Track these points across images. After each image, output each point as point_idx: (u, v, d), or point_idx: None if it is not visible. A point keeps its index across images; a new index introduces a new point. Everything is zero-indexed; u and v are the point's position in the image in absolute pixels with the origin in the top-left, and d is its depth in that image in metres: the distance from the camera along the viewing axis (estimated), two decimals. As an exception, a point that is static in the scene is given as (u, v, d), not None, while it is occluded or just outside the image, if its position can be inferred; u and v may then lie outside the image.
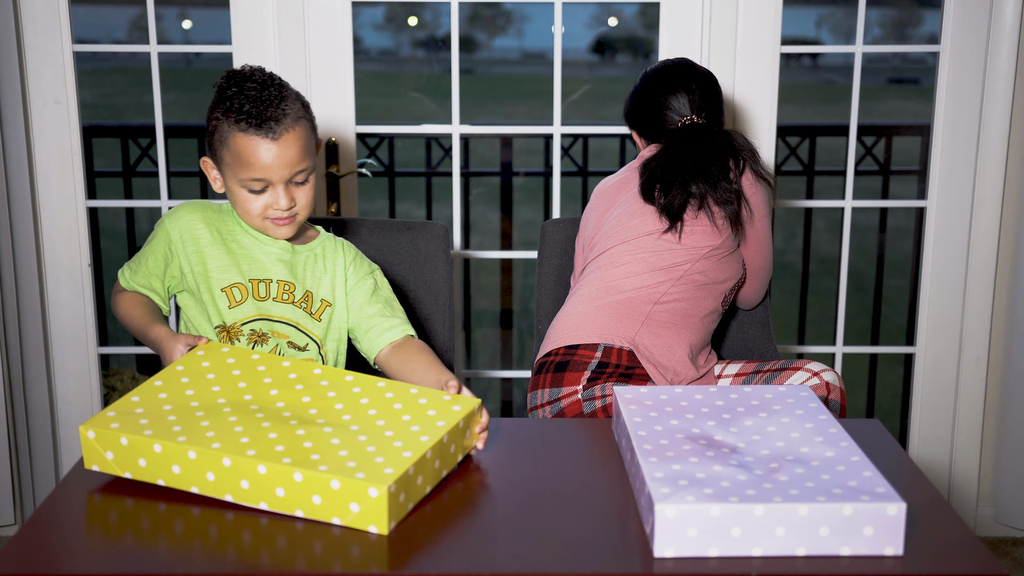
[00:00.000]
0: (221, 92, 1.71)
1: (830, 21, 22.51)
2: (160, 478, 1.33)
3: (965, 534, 1.25)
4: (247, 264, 1.77)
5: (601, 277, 2.04)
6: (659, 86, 2.14)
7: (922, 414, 2.79)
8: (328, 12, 2.53)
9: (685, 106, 2.12)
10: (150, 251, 1.79)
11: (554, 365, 2.00)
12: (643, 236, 2.03)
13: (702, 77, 2.15)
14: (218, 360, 1.53)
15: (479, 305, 5.19)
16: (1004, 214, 2.65)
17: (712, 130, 2.08)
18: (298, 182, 1.72)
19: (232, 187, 1.73)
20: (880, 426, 1.61)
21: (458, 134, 2.66)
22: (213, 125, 1.72)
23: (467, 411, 1.42)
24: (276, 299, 1.77)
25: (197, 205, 1.80)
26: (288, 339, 1.77)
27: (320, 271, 1.82)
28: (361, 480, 1.23)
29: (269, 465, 1.26)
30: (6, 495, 2.60)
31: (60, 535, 1.25)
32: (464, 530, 1.28)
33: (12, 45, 2.50)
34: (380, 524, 1.23)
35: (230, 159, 1.70)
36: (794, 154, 4.01)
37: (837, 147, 3.21)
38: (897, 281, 5.37)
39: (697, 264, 2.02)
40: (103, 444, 1.35)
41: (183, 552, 1.22)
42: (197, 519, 1.29)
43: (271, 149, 1.67)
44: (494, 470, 1.44)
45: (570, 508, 1.32)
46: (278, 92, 1.70)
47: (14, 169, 2.55)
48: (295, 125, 1.70)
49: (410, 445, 1.32)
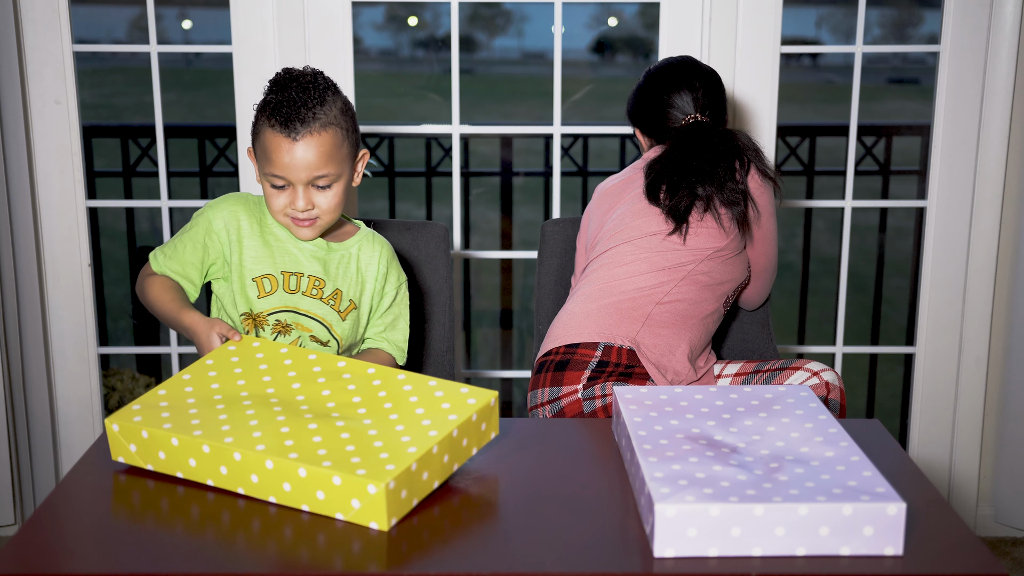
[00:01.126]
0: (270, 87, 1.75)
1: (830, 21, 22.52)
2: (179, 470, 1.36)
3: (965, 534, 1.25)
4: (281, 256, 1.79)
5: (603, 276, 2.04)
6: (663, 84, 2.14)
7: (922, 414, 2.79)
8: (328, 12, 2.53)
9: (689, 104, 2.12)
10: (188, 239, 1.80)
11: (554, 364, 1.99)
12: (647, 236, 2.03)
13: (706, 75, 2.14)
14: (247, 354, 1.56)
15: (479, 305, 5.19)
16: (1004, 214, 2.65)
17: (716, 129, 2.08)
18: (320, 186, 1.73)
19: (261, 180, 1.77)
20: (880, 426, 1.61)
21: (458, 134, 2.66)
22: (256, 117, 1.76)
23: (482, 404, 1.42)
24: (305, 293, 1.79)
25: (239, 197, 1.83)
26: (311, 333, 1.80)
27: (353, 273, 1.85)
28: (361, 477, 1.23)
29: (276, 460, 1.28)
30: (6, 495, 2.60)
31: (60, 535, 1.25)
32: (463, 530, 1.28)
33: (12, 45, 2.50)
34: (380, 521, 1.24)
35: (260, 153, 1.75)
36: (794, 154, 4.01)
37: (837, 147, 3.21)
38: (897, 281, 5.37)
39: (701, 265, 2.02)
40: (127, 437, 1.38)
41: (184, 552, 1.22)
42: (199, 519, 1.29)
43: (291, 149, 1.69)
44: (494, 470, 1.44)
45: (570, 508, 1.32)
46: (319, 96, 1.71)
47: (14, 169, 2.55)
48: (322, 130, 1.70)
49: (417, 440, 1.32)
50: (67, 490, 1.37)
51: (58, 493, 1.35)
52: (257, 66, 2.54)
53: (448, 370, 2.17)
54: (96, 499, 1.35)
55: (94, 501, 1.35)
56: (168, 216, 2.69)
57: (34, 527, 1.26)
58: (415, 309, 2.18)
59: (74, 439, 2.75)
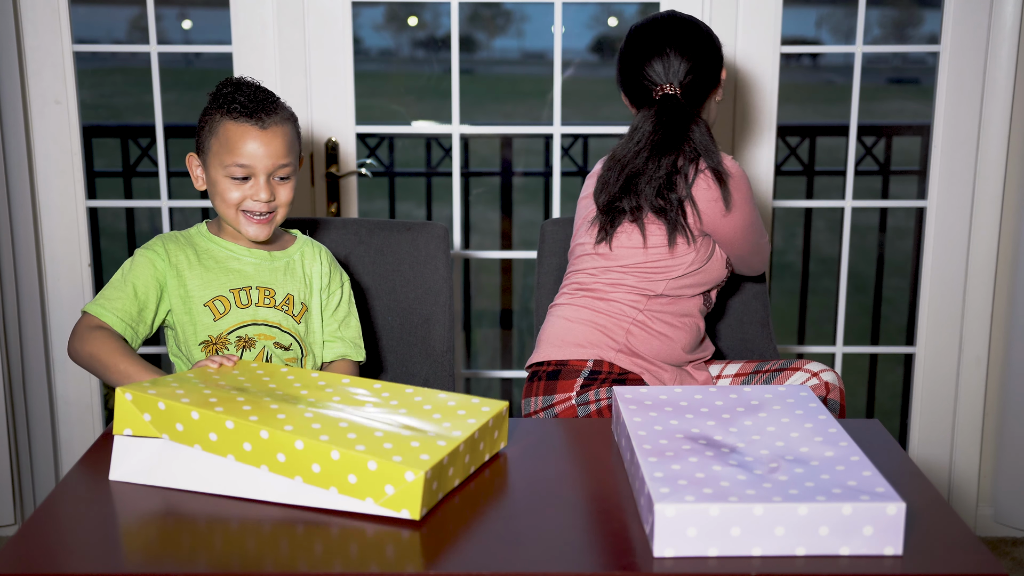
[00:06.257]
0: (217, 91, 1.80)
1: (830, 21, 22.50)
2: (197, 443, 1.35)
3: (965, 534, 1.25)
4: (225, 276, 1.80)
5: (580, 288, 2.02)
6: (638, 49, 2.00)
7: (922, 414, 2.79)
8: (328, 12, 2.53)
9: (661, 73, 1.98)
10: (133, 278, 1.76)
11: (546, 374, 1.99)
12: (605, 245, 1.99)
13: (684, 36, 1.98)
14: (249, 370, 1.57)
15: (479, 305, 5.19)
16: (1004, 214, 2.65)
17: (680, 113, 1.94)
18: (280, 177, 1.78)
19: (214, 177, 1.78)
20: (880, 426, 1.61)
21: (458, 134, 2.66)
22: (204, 120, 1.80)
23: (496, 412, 1.45)
24: (259, 304, 1.81)
25: (164, 236, 1.83)
26: (274, 340, 1.81)
27: (300, 277, 1.87)
28: (398, 463, 1.24)
29: (307, 441, 1.28)
30: (6, 495, 2.60)
31: (60, 535, 1.24)
32: (463, 530, 1.28)
33: (12, 45, 2.50)
34: (413, 509, 1.25)
35: (217, 147, 1.76)
36: (794, 154, 4.01)
37: (837, 147, 3.21)
38: (897, 281, 5.37)
39: (672, 282, 1.97)
40: (141, 407, 1.37)
41: (185, 552, 1.22)
42: (204, 522, 1.29)
43: (259, 136, 1.75)
44: (493, 470, 1.44)
45: (570, 508, 1.32)
46: (272, 96, 1.80)
47: (14, 169, 2.55)
48: (284, 123, 1.79)
49: (444, 436, 1.34)
50: (67, 490, 1.37)
51: (58, 493, 1.35)
52: (257, 66, 2.54)
53: (448, 370, 2.17)
54: (96, 499, 1.35)
55: (94, 501, 1.35)
56: (168, 216, 2.69)
57: (34, 527, 1.26)
58: (415, 309, 2.18)
59: (74, 439, 2.75)
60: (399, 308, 2.18)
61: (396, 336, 2.18)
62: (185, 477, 1.35)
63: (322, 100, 2.56)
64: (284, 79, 2.55)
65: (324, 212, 2.61)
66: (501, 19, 24.34)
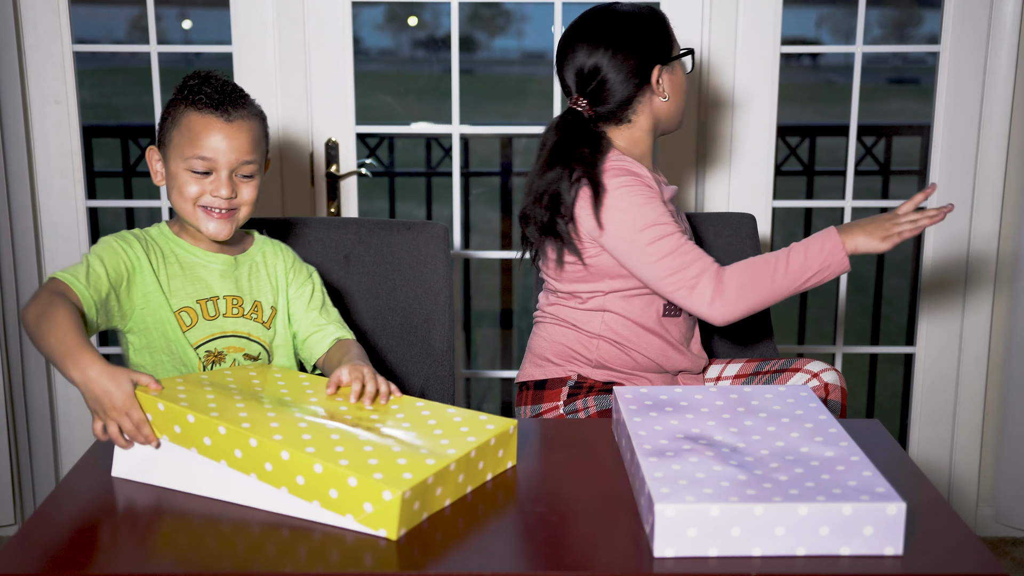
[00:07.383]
0: (183, 83, 1.72)
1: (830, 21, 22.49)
2: (193, 446, 1.35)
3: (965, 534, 1.25)
4: (192, 285, 1.72)
5: (547, 305, 2.02)
6: (558, 55, 1.91)
7: (922, 414, 2.79)
8: (328, 12, 2.52)
9: (571, 78, 1.88)
10: (105, 260, 1.63)
11: (533, 384, 2.01)
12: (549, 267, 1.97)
13: (594, 30, 1.85)
14: (271, 376, 1.57)
15: (479, 305, 5.19)
16: (1004, 214, 2.65)
17: (570, 133, 1.85)
18: (243, 174, 1.70)
19: (175, 170, 1.69)
20: (880, 426, 1.61)
21: (458, 134, 2.66)
22: (167, 112, 1.72)
23: (500, 430, 1.41)
24: (227, 315, 1.74)
25: (128, 233, 1.72)
26: (244, 351, 1.75)
27: (264, 279, 1.81)
28: (378, 481, 1.22)
29: (292, 452, 1.28)
30: (6, 495, 2.60)
31: (60, 535, 1.25)
32: (463, 530, 1.28)
33: (12, 45, 2.50)
34: (390, 528, 1.23)
35: (179, 139, 1.68)
36: (794, 154, 4.01)
37: (837, 147, 3.21)
38: (897, 281, 5.36)
39: (607, 297, 1.94)
40: (142, 407, 1.37)
41: (185, 553, 1.22)
42: (199, 523, 1.29)
43: (223, 129, 1.67)
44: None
45: (570, 508, 1.32)
46: (240, 91, 1.73)
47: (14, 169, 2.55)
48: (251, 119, 1.71)
49: (435, 455, 1.31)
50: (67, 490, 1.37)
51: (58, 493, 1.35)
52: (257, 66, 2.54)
53: (448, 370, 2.17)
54: (96, 499, 1.35)
55: (94, 501, 1.35)
56: (168, 216, 2.69)
57: (34, 527, 1.26)
58: (415, 309, 2.18)
59: (74, 439, 2.75)
60: (399, 308, 2.18)
61: (396, 336, 2.18)
62: (182, 479, 1.36)
63: (322, 100, 2.56)
64: (284, 79, 2.55)
65: (324, 212, 2.61)
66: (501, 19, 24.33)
